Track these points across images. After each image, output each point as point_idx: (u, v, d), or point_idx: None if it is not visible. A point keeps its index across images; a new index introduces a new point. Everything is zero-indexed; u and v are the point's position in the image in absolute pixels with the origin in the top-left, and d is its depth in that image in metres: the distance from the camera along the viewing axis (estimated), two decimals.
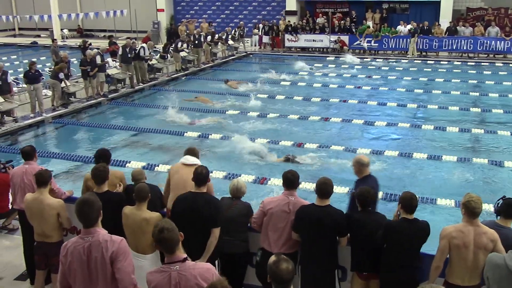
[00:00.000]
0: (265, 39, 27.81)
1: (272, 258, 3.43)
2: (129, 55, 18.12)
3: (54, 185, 6.06)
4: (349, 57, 24.23)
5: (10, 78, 14.62)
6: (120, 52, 18.63)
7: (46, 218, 5.48)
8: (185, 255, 3.75)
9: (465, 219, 4.59)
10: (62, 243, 5.46)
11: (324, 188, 4.99)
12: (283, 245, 5.13)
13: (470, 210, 4.52)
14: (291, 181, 5.16)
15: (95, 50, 17.17)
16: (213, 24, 29.46)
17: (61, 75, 15.38)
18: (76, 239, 4.00)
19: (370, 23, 26.41)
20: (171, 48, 21.30)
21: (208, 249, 4.97)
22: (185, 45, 22.22)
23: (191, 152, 6.04)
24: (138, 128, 13.65)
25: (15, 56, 26.99)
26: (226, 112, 15.05)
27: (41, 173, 5.59)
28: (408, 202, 4.79)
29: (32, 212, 5.55)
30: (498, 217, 4.89)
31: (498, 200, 4.97)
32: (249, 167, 10.67)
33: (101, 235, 3.93)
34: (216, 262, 5.16)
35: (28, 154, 6.42)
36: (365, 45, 25.65)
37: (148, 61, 19.40)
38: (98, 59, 16.59)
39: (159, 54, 20.87)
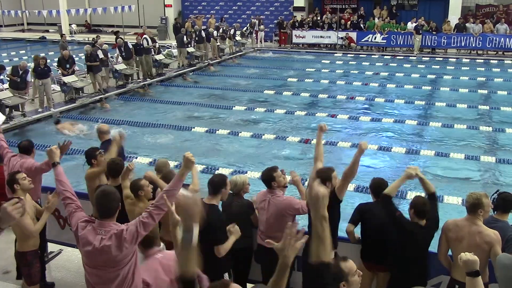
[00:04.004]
0: (261, 34, 27.69)
1: None
2: (130, 50, 18.21)
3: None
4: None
5: (30, 77, 14.77)
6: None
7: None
8: None
9: (466, 214, 4.63)
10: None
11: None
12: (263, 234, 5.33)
13: (466, 206, 4.58)
14: (265, 181, 5.42)
15: (89, 45, 17.18)
16: (224, 20, 29.29)
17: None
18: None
19: (377, 19, 26.26)
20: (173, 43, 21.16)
21: None
22: (186, 40, 22.01)
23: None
24: (143, 123, 13.68)
25: (24, 51, 27.10)
26: None
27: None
28: (421, 208, 4.71)
29: None
30: (495, 211, 4.89)
31: (493, 195, 4.96)
32: None
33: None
34: None
35: (26, 149, 6.37)
36: (379, 38, 25.40)
37: (153, 53, 19.43)
38: (100, 54, 16.65)
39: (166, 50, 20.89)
